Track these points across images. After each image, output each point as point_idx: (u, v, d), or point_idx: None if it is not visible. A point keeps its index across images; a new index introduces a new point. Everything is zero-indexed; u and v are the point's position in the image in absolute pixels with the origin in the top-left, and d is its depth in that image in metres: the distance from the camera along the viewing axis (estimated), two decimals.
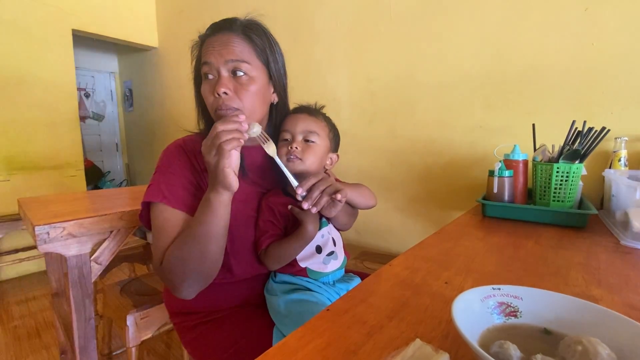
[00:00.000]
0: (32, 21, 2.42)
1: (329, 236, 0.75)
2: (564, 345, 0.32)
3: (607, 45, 1.10)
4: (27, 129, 2.43)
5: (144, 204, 0.69)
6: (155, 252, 0.64)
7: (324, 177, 0.65)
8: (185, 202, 0.66)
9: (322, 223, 0.75)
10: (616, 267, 0.64)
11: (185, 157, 0.70)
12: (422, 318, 0.45)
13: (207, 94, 0.67)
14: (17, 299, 2.16)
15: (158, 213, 0.66)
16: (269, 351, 0.39)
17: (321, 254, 0.72)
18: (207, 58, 0.66)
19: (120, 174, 4.09)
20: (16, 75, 2.36)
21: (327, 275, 0.72)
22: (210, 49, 0.66)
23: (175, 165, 0.69)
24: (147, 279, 1.29)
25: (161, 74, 3.17)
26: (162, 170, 0.69)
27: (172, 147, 0.72)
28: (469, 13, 1.37)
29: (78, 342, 0.96)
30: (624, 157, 1.04)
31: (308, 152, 0.71)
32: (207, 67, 0.66)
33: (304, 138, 0.72)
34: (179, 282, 0.62)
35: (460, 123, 1.43)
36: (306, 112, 0.74)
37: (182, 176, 0.68)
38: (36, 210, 1.01)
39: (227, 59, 0.65)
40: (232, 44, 0.66)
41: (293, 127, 0.72)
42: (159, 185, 0.66)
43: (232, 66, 0.66)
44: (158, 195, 0.65)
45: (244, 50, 0.67)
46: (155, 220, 0.66)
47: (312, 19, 1.87)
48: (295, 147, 0.70)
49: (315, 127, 0.73)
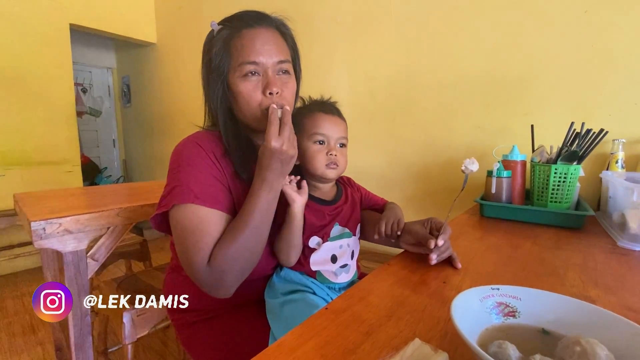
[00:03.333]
0: (29, 15, 2.39)
1: (349, 249, 0.73)
2: (562, 346, 0.32)
3: (606, 47, 1.10)
4: (24, 124, 2.41)
5: (164, 207, 0.63)
6: (192, 253, 0.59)
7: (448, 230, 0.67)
8: (220, 200, 0.63)
9: (345, 234, 0.73)
10: (613, 268, 0.64)
11: (204, 153, 0.66)
12: (420, 317, 0.45)
13: (252, 93, 0.65)
14: (12, 294, 2.15)
15: (190, 214, 0.60)
16: (267, 349, 0.39)
17: (335, 264, 0.70)
18: (255, 57, 0.63)
19: (117, 170, 4.07)
20: (13, 70, 2.34)
21: (335, 284, 0.71)
22: (259, 46, 0.64)
23: (200, 163, 0.64)
24: (144, 276, 1.28)
25: (159, 70, 3.15)
26: (186, 169, 0.64)
27: (188, 145, 0.67)
28: (469, 13, 1.37)
29: (74, 339, 0.95)
30: (621, 159, 1.05)
31: (343, 158, 0.71)
32: (254, 66, 0.64)
33: (339, 144, 0.71)
34: (233, 280, 0.60)
35: (459, 123, 1.43)
36: (337, 115, 0.72)
37: (209, 174, 0.64)
38: (32, 206, 1.01)
39: (276, 58, 0.65)
40: (278, 42, 0.67)
41: (330, 131, 0.70)
42: (189, 185, 0.61)
43: (280, 66, 0.66)
44: (189, 197, 0.60)
45: (286, 48, 0.68)
46: (186, 222, 0.60)
47: (312, 17, 1.86)
48: (335, 154, 0.69)
49: (345, 132, 0.73)
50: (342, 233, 0.72)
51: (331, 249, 0.70)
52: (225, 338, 0.71)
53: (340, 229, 0.72)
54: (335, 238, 0.71)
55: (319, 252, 0.70)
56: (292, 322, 0.60)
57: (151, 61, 3.24)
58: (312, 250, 0.70)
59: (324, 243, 0.70)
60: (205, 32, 0.70)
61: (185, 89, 2.84)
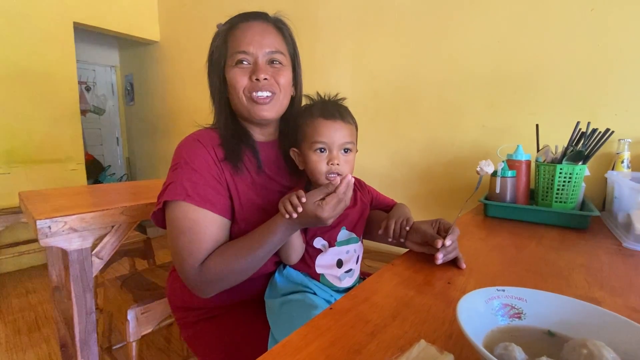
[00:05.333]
0: (33, 13, 2.40)
1: (355, 254, 0.72)
2: (568, 348, 0.32)
3: (612, 46, 1.09)
4: (28, 122, 2.42)
5: (158, 204, 0.65)
6: (184, 254, 0.61)
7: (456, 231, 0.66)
8: (213, 201, 0.64)
9: (352, 239, 0.72)
10: (618, 269, 0.64)
11: (204, 151, 0.67)
12: (425, 318, 0.45)
13: (239, 78, 0.67)
14: (17, 292, 2.17)
15: (182, 213, 0.62)
16: (272, 350, 0.39)
17: (341, 268, 0.70)
18: (245, 47, 0.66)
19: (121, 168, 4.09)
20: (17, 68, 2.35)
21: (337, 287, 0.71)
22: (249, 37, 0.67)
23: (197, 162, 0.65)
24: (148, 273, 1.29)
25: (163, 68, 3.16)
26: (183, 167, 0.65)
27: (189, 142, 0.69)
28: (474, 12, 1.36)
29: (79, 336, 0.96)
30: (627, 159, 1.04)
31: (347, 165, 0.66)
32: (244, 55, 0.67)
33: (342, 150, 0.67)
34: (217, 289, 0.64)
35: (464, 122, 1.42)
36: (340, 120, 0.66)
37: (206, 173, 0.65)
38: (37, 204, 1.01)
39: (267, 49, 0.67)
40: (270, 34, 0.68)
41: (330, 139, 0.64)
42: (182, 182, 0.63)
43: (271, 57, 0.68)
44: (181, 194, 0.62)
45: (280, 41, 0.70)
46: (178, 221, 0.62)
47: (316, 15, 1.86)
48: (336, 163, 0.64)
49: (350, 136, 0.67)
50: (350, 238, 0.71)
51: (338, 254, 0.70)
52: (228, 336, 0.71)
53: (348, 234, 0.71)
54: (342, 243, 0.70)
55: (325, 256, 0.69)
56: (292, 323, 0.60)
57: (154, 59, 3.24)
58: (317, 251, 0.69)
59: (331, 247, 0.69)
60: (208, 30, 0.72)
61: (189, 87, 2.84)
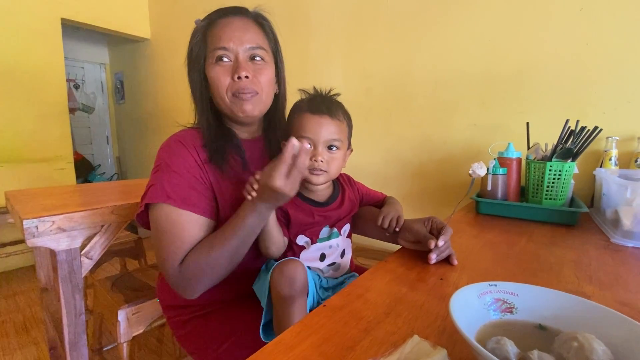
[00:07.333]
0: (20, 9, 2.34)
1: (338, 249, 0.73)
2: (559, 341, 0.32)
3: (601, 45, 1.11)
4: (15, 120, 2.37)
5: (144, 205, 0.65)
6: (165, 254, 0.61)
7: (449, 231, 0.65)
8: (193, 202, 0.63)
9: (334, 234, 0.72)
10: (607, 264, 0.65)
11: (186, 153, 0.66)
12: (418, 314, 0.46)
13: (220, 77, 0.66)
14: (5, 293, 2.12)
15: (163, 215, 0.62)
16: (266, 347, 0.39)
17: (323, 262, 0.71)
18: (225, 43, 0.65)
19: (111, 168, 4.03)
20: (3, 66, 2.29)
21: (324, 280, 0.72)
22: (229, 33, 0.65)
23: (178, 163, 0.65)
24: (139, 274, 1.27)
25: (153, 66, 3.11)
26: (163, 169, 0.64)
27: (171, 143, 0.68)
28: (465, 11, 1.37)
29: (68, 338, 0.94)
30: (615, 156, 1.06)
31: (332, 162, 0.66)
32: (224, 51, 0.65)
33: (328, 146, 0.65)
34: (200, 287, 0.62)
35: (455, 120, 1.44)
36: (327, 114, 0.65)
37: (187, 174, 0.64)
38: (24, 204, 0.99)
39: (248, 44, 0.66)
40: (250, 30, 0.67)
41: (315, 134, 0.63)
42: (162, 184, 0.62)
43: (251, 52, 0.67)
44: (162, 196, 0.61)
45: (261, 37, 0.69)
46: (159, 222, 0.62)
47: (308, 13, 1.85)
48: (320, 159, 0.64)
49: (338, 132, 0.66)
50: (331, 234, 0.72)
51: (320, 249, 0.71)
52: (220, 333, 0.70)
53: (329, 230, 0.72)
54: (324, 239, 0.71)
55: (309, 252, 0.70)
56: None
57: (145, 57, 3.19)
58: (301, 248, 0.70)
59: (313, 244, 0.70)
60: None
61: (180, 85, 2.80)
